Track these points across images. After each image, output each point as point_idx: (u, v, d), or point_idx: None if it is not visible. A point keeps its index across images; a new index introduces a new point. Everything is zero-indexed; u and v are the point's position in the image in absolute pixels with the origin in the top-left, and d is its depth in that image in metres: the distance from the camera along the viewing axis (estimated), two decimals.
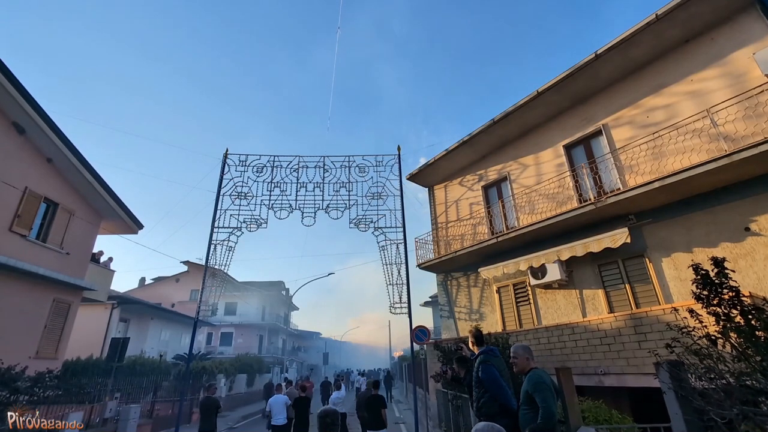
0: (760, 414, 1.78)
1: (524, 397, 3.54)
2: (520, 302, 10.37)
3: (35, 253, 10.61)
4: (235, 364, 23.16)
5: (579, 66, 8.99)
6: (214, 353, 26.05)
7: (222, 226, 12.81)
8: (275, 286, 38.87)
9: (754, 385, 2.01)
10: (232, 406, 19.67)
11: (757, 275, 6.44)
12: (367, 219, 13.19)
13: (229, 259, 12.57)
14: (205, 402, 8.61)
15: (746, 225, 6.73)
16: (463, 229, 12.51)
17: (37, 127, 10.15)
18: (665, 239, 7.76)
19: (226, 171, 13.45)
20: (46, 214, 11.33)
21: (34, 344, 10.57)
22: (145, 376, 13.73)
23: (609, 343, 7.03)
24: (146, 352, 17.51)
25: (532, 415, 3.43)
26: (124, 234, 14.87)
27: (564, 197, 9.71)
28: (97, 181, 12.19)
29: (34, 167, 10.80)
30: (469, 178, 13.02)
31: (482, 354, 4.73)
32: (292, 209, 13.12)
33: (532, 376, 3.55)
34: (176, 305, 27.67)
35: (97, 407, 10.38)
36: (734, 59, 7.46)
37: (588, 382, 7.01)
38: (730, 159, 6.31)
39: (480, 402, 4.56)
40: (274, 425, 8.50)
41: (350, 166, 13.76)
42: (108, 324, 16.36)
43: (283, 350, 39.72)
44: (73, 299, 11.94)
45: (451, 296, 12.52)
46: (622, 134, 8.90)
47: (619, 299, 8.28)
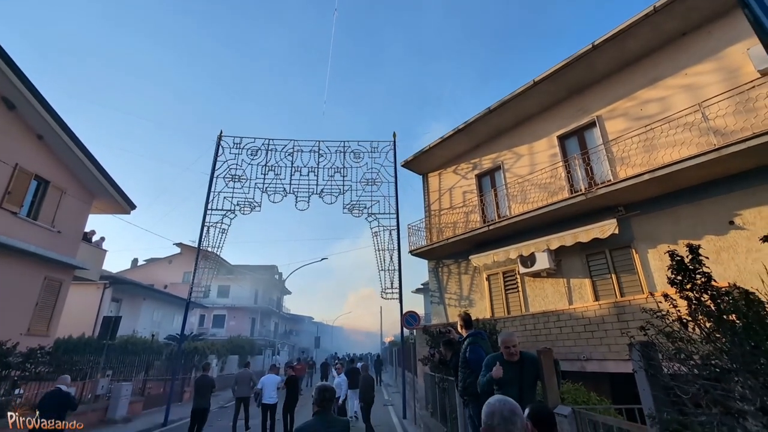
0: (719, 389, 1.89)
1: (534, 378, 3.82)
2: (508, 290, 10.55)
3: (26, 231, 10.56)
4: (227, 346, 23.41)
5: (576, 56, 8.99)
6: (206, 335, 26.22)
7: (215, 209, 12.81)
8: (268, 270, 39.00)
9: (718, 364, 2.12)
10: (224, 386, 19.93)
11: (738, 267, 6.62)
12: (361, 204, 13.26)
13: (222, 242, 12.62)
14: (200, 380, 8.77)
15: (731, 219, 6.88)
16: (455, 217, 12.61)
17: (27, 102, 9.99)
18: (652, 231, 7.92)
19: (220, 153, 13.38)
20: (37, 192, 11.24)
21: (25, 321, 10.60)
22: (137, 355, 13.85)
23: (592, 330, 7.22)
24: (138, 332, 17.61)
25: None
26: (116, 214, 14.81)
27: (556, 187, 9.81)
28: (89, 159, 12.07)
29: (25, 144, 10.66)
30: (464, 166, 13.07)
31: (470, 336, 4.92)
32: (286, 193, 13.13)
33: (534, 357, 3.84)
34: (169, 287, 27.71)
35: (89, 384, 10.49)
36: (729, 54, 7.51)
37: (571, 368, 7.21)
38: (719, 153, 6.42)
39: (466, 382, 4.71)
40: (265, 403, 8.75)
41: (345, 152, 13.75)
42: (100, 303, 16.42)
43: (275, 333, 40.08)
44: (64, 277, 11.94)
45: (442, 283, 12.69)
46: (616, 126, 8.97)
47: (605, 288, 8.48)
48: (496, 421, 1.48)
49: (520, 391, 3.72)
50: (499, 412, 1.50)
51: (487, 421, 1.50)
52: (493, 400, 1.56)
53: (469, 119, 11.65)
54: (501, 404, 1.55)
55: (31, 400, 8.76)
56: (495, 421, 1.48)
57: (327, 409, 3.14)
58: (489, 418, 1.50)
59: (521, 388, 3.75)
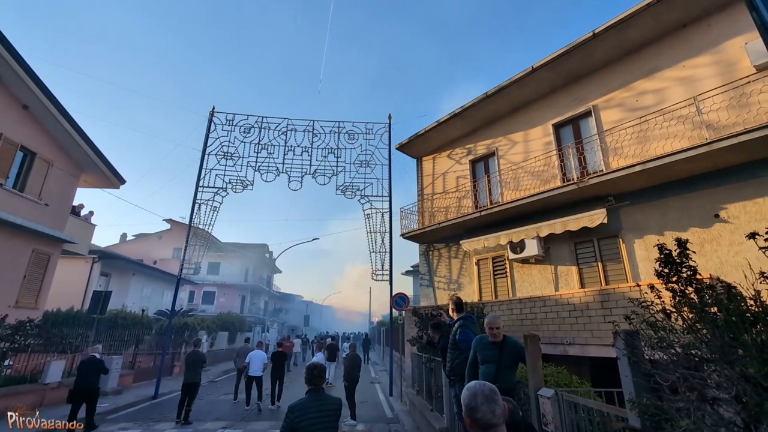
0: (697, 377, 2.00)
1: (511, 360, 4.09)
2: (497, 275, 10.75)
3: (12, 203, 10.35)
4: (217, 322, 23.61)
5: (576, 44, 8.92)
6: (196, 311, 26.35)
7: (207, 186, 12.68)
8: (259, 248, 38.97)
9: (698, 354, 2.22)
10: (214, 361, 20.20)
11: (720, 260, 6.83)
12: (354, 186, 13.24)
13: (214, 219, 12.55)
14: (191, 355, 8.89)
15: (716, 212, 7.05)
16: (448, 202, 12.68)
17: (11, 70, 9.62)
18: (640, 222, 8.08)
19: (213, 129, 13.15)
20: (23, 163, 10.96)
21: (13, 294, 10.53)
22: (127, 329, 13.90)
23: (577, 316, 7.44)
24: (128, 306, 17.59)
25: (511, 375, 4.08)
26: (105, 188, 14.56)
27: (549, 175, 9.89)
28: (76, 131, 11.76)
29: (10, 114, 10.33)
30: (458, 151, 13.05)
31: (461, 319, 5.07)
32: (279, 172, 13.03)
33: (516, 341, 4.19)
34: (158, 262, 27.57)
35: (78, 357, 10.54)
36: (727, 47, 7.52)
37: (554, 351, 7.46)
38: (709, 147, 6.52)
39: (453, 363, 4.88)
40: (251, 375, 9.66)
41: (339, 132, 13.62)
42: (89, 277, 16.31)
43: (264, 311, 40.42)
44: (52, 251, 11.80)
45: (432, 266, 12.86)
46: (611, 116, 9.01)
47: (591, 276, 8.69)
48: (479, 401, 1.54)
49: (497, 370, 4.00)
50: (481, 393, 1.56)
51: (470, 402, 1.55)
52: (472, 384, 1.62)
53: (465, 104, 11.57)
54: (481, 385, 1.61)
55: (22, 371, 8.84)
56: (478, 401, 1.54)
57: (318, 387, 3.24)
58: (471, 400, 1.56)
59: (498, 367, 4.02)
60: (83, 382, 7.01)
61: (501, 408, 1.56)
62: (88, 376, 7.07)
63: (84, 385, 7.00)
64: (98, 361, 7.35)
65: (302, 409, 3.01)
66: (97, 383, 7.24)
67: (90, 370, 7.13)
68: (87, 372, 7.09)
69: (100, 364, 7.32)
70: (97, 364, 7.27)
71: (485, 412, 1.52)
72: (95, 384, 7.19)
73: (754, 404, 1.75)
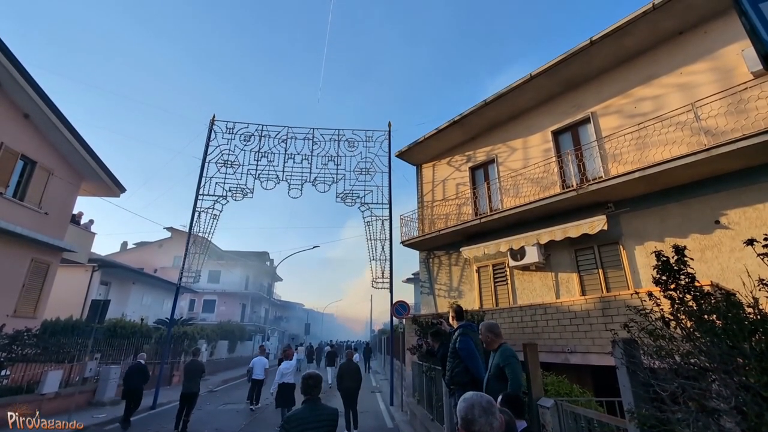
0: (696, 388, 1.96)
1: (495, 370, 3.84)
2: (498, 282, 10.68)
3: (12, 212, 10.36)
4: (217, 331, 23.47)
5: (573, 51, 8.97)
6: (196, 319, 26.21)
7: (207, 194, 12.70)
8: (260, 256, 38.91)
9: (697, 363, 2.18)
10: (213, 370, 20.05)
11: (721, 266, 6.78)
12: (354, 194, 13.24)
13: (214, 227, 12.55)
14: (190, 365, 8.81)
15: (716, 218, 7.02)
16: (448, 209, 12.66)
17: (12, 79, 9.70)
18: (640, 228, 8.04)
19: (213, 138, 13.21)
20: (24, 172, 11.00)
21: (11, 303, 10.49)
22: (126, 338, 13.80)
23: (578, 323, 7.36)
24: (127, 315, 17.49)
25: (500, 386, 3.72)
26: (105, 197, 14.59)
27: (548, 182, 9.88)
28: (77, 140, 11.82)
29: (10, 123, 10.39)
30: (458, 158, 13.07)
31: (461, 327, 5.00)
32: (279, 180, 13.05)
33: (504, 350, 3.86)
34: (158, 271, 27.54)
35: (77, 366, 10.47)
36: (724, 54, 7.55)
37: (555, 360, 7.37)
38: (708, 153, 6.51)
39: (453, 372, 4.80)
40: (254, 378, 10.63)
41: (339, 140, 13.66)
42: (88, 286, 16.27)
43: (265, 319, 40.18)
44: (52, 260, 11.79)
45: (433, 273, 12.80)
46: (610, 123, 9.02)
47: (592, 283, 8.63)
48: (476, 413, 1.51)
49: (487, 378, 3.96)
50: (478, 404, 1.53)
51: (467, 415, 1.52)
52: (469, 395, 1.59)
53: (465, 111, 11.62)
54: (479, 397, 1.57)
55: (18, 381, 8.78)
56: (475, 413, 1.51)
57: (314, 397, 3.21)
58: (468, 412, 1.52)
59: (488, 377, 3.96)
60: (131, 383, 8.70)
61: (498, 420, 1.53)
62: (135, 380, 8.78)
63: (132, 385, 8.70)
64: (143, 366, 9.09)
65: (299, 419, 3.00)
66: (141, 385, 8.90)
67: (136, 374, 8.87)
68: (134, 376, 8.81)
69: (145, 369, 9.07)
70: (144, 368, 9.04)
71: (482, 424, 1.48)
72: (141, 385, 8.86)
73: (754, 415, 1.71)
